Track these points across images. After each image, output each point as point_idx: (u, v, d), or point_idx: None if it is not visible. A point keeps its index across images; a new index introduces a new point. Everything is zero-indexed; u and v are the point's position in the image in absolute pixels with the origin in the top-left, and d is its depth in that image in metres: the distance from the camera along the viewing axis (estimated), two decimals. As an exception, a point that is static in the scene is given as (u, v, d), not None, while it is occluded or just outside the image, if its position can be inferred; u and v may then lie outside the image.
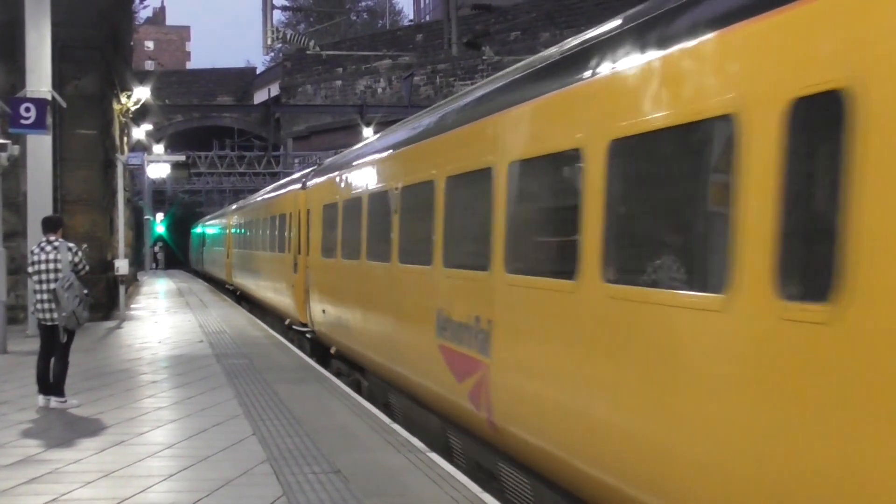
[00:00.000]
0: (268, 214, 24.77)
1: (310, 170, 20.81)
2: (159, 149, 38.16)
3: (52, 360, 11.07)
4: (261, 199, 28.63)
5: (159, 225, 62.78)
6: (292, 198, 20.30)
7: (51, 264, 10.90)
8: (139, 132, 33.76)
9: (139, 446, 9.01)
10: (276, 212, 23.09)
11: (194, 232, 60.59)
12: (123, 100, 28.64)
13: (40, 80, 18.20)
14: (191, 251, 62.95)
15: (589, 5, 44.28)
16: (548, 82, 7.08)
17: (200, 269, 53.22)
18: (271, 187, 28.67)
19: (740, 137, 4.60)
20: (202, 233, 53.62)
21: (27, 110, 16.69)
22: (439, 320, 9.05)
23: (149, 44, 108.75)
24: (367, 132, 33.98)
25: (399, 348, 10.76)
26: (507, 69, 9.15)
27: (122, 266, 23.46)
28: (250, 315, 25.46)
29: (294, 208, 19.74)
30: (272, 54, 66.98)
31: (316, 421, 10.07)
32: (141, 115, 32.52)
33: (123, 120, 29.80)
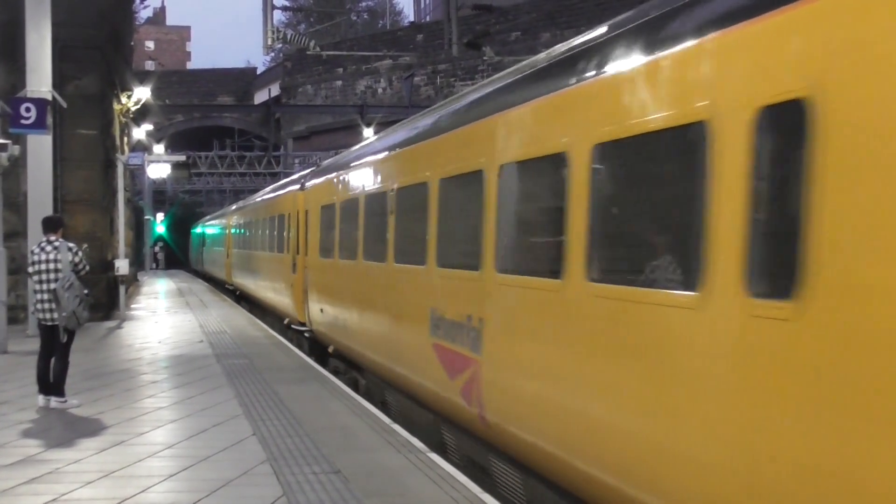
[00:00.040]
0: (267, 215, 24.94)
1: (308, 171, 20.99)
2: (160, 149, 38.13)
3: (53, 360, 11.08)
4: (260, 199, 28.76)
5: (159, 225, 62.78)
6: (291, 198, 20.44)
7: (51, 264, 10.90)
8: (139, 132, 33.72)
9: (139, 446, 9.01)
10: (275, 212, 23.26)
11: (194, 232, 60.60)
12: (124, 100, 28.62)
13: (41, 80, 18.19)
14: (191, 251, 62.94)
15: (590, 5, 44.26)
16: (536, 88, 7.28)
17: (200, 269, 53.22)
18: (270, 188, 28.80)
19: (712, 143, 4.79)
20: (202, 233, 53.68)
21: (27, 110, 16.68)
22: (433, 319, 9.21)
23: (149, 44, 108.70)
24: (368, 132, 33.96)
25: (395, 347, 10.92)
26: (497, 74, 9.37)
27: (122, 266, 23.48)
28: (250, 315, 25.46)
29: (293, 209, 19.89)
30: (272, 54, 67.08)
31: (316, 421, 10.08)
32: (141, 115, 32.50)
33: (124, 120, 29.79)
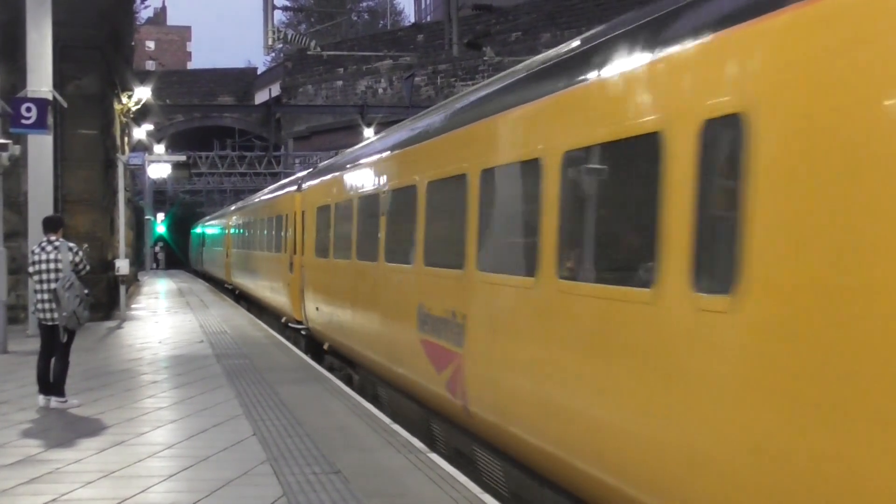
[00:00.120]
0: (265, 215, 25.28)
1: (305, 173, 21.26)
2: (160, 149, 38.12)
3: (53, 359, 11.08)
4: (258, 200, 29.05)
5: (160, 225, 62.73)
6: (288, 199, 20.74)
7: (51, 264, 10.90)
8: (140, 132, 33.70)
9: (139, 446, 9.02)
10: (272, 213, 23.59)
11: (194, 232, 60.67)
12: (124, 100, 28.61)
13: (41, 80, 18.20)
14: (191, 251, 62.99)
15: (590, 6, 44.24)
16: (514, 97, 7.73)
17: (200, 268, 53.29)
18: (268, 189, 29.02)
19: (664, 152, 5.21)
20: (202, 233, 53.82)
21: (28, 110, 16.67)
22: (420, 315, 9.64)
23: (150, 44, 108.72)
24: (368, 132, 34.00)
25: (385, 343, 11.37)
26: (479, 83, 9.99)
27: (122, 266, 23.48)
28: (250, 315, 25.49)
29: (290, 210, 20.21)
30: (273, 54, 67.18)
31: (316, 421, 10.09)
32: (142, 115, 32.49)
33: (124, 120, 29.78)
